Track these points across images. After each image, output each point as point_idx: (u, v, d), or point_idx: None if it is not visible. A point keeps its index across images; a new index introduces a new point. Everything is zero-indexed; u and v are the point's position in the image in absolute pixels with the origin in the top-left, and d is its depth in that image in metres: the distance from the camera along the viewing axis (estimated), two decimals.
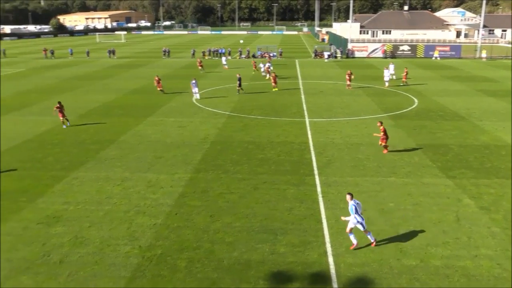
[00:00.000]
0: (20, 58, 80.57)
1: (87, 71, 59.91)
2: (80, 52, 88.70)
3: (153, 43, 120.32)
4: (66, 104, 36.86)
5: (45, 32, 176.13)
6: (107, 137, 27.03)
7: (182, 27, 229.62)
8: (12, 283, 12.44)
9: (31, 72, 60.25)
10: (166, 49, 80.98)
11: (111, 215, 16.48)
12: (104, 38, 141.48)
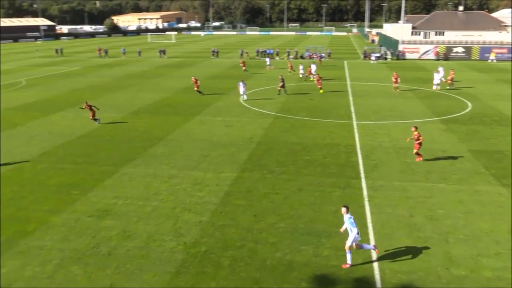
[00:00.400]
0: (75, 57, 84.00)
1: (138, 70, 61.64)
2: (132, 51, 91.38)
3: (202, 43, 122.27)
4: (118, 102, 38.08)
5: (99, 32, 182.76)
6: (156, 134, 27.70)
7: (231, 28, 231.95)
8: (64, 272, 12.97)
9: (86, 70, 62.66)
10: (215, 49, 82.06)
11: (158, 211, 16.87)
12: (155, 38, 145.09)
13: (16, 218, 16.53)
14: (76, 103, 38.00)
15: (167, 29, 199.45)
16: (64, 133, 28.45)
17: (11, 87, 48.07)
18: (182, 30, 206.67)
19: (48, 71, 63.14)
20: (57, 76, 57.55)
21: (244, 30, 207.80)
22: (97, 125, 30.29)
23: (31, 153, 24.39)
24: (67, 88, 47.08)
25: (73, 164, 22.41)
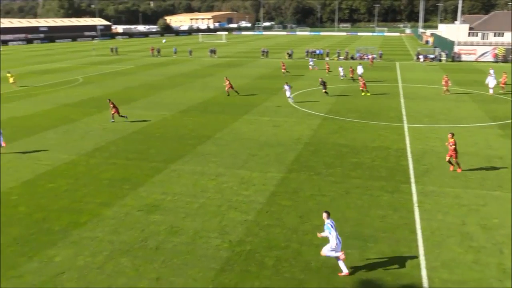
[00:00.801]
0: (129, 56, 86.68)
1: (189, 69, 62.83)
2: (183, 51, 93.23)
3: (252, 43, 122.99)
4: (168, 100, 38.91)
5: (153, 31, 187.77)
6: (205, 133, 28.12)
7: (281, 28, 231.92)
8: (113, 264, 13.41)
9: (139, 69, 64.53)
10: (264, 50, 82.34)
11: (205, 208, 17.12)
12: (206, 38, 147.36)
13: (71, 209, 17.26)
14: (128, 101, 39.20)
15: (218, 29, 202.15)
16: (116, 129, 29.43)
17: (69, 84, 50.25)
18: (232, 30, 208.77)
19: (104, 69, 65.51)
20: (111, 74, 59.60)
21: (294, 30, 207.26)
22: (147, 123, 31.08)
23: (85, 147, 25.40)
24: (121, 86, 48.67)
25: (125, 160, 23.14)
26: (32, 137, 27.81)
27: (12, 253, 14.13)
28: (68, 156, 23.95)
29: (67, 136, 28.04)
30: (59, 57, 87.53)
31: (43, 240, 14.93)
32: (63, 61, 78.44)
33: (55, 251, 14.20)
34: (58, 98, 41.27)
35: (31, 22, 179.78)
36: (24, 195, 18.81)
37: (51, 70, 64.31)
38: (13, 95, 43.54)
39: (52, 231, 15.56)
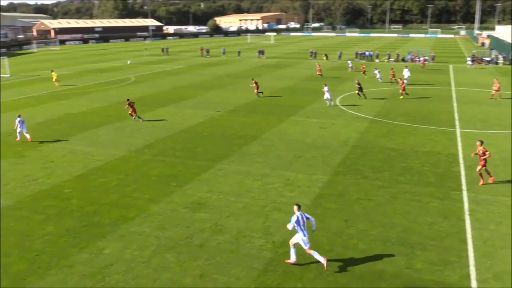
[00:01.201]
0: (180, 56, 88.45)
1: (237, 70, 63.38)
2: (232, 51, 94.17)
3: (301, 45, 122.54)
4: (216, 99, 39.38)
5: (202, 32, 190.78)
6: (251, 133, 28.28)
7: (331, 29, 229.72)
8: (159, 259, 13.73)
9: (188, 68, 65.75)
10: (313, 51, 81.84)
11: (249, 208, 17.21)
12: (255, 39, 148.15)
13: (120, 204, 17.82)
14: (178, 100, 40.02)
15: (266, 30, 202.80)
16: (165, 127, 30.11)
17: (121, 83, 51.91)
18: (281, 31, 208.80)
19: (154, 68, 67.20)
20: (162, 73, 61.05)
21: (344, 31, 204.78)
22: (195, 122, 31.61)
23: (135, 144, 26.14)
24: (170, 85, 49.77)
25: (173, 157, 23.64)
26: (86, 133, 28.92)
27: (65, 244, 14.74)
28: (119, 152, 24.74)
29: (119, 132, 28.96)
30: (112, 57, 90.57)
31: (94, 232, 15.50)
32: (116, 60, 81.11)
33: (104, 244, 14.70)
34: (111, 96, 42.71)
35: (87, 22, 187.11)
36: (76, 188, 19.59)
37: (105, 69, 66.63)
38: (69, 92, 45.45)
39: (102, 224, 16.12)
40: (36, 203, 18.09)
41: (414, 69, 60.50)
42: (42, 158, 23.94)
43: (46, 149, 25.64)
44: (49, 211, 17.34)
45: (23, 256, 14.06)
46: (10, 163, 23.30)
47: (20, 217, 16.87)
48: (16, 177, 21.11)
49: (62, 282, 12.66)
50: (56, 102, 40.21)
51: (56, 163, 23.15)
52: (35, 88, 49.09)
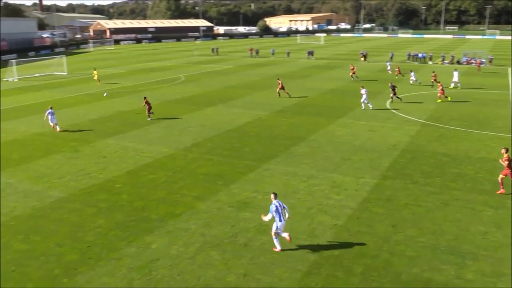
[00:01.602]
0: (229, 56, 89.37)
1: (286, 70, 63.31)
2: (281, 52, 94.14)
3: (351, 46, 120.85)
4: (264, 100, 39.48)
5: (252, 33, 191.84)
6: (299, 134, 28.17)
7: (382, 30, 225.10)
8: (204, 256, 13.93)
9: (237, 69, 66.33)
10: (363, 52, 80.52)
11: (295, 210, 17.15)
12: (305, 40, 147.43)
13: (168, 200, 18.22)
14: (227, 99, 40.46)
15: (316, 31, 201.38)
16: (214, 126, 30.51)
17: (172, 82, 53.09)
18: (331, 32, 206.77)
19: (204, 68, 68.26)
20: (211, 73, 61.92)
21: (396, 32, 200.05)
22: (243, 121, 31.83)
23: (184, 142, 26.65)
24: (220, 85, 50.39)
25: (220, 156, 23.92)
26: (137, 131, 29.77)
27: (114, 237, 15.25)
28: (168, 150, 25.31)
29: (168, 131, 29.62)
30: (164, 56, 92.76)
31: (142, 227, 15.94)
32: (167, 60, 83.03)
33: (152, 239, 15.08)
34: (162, 95, 43.75)
35: (141, 23, 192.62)
36: (126, 184, 20.21)
37: (156, 68, 68.32)
38: (122, 91, 46.95)
39: (150, 219, 16.54)
40: (89, 197, 18.82)
41: (469, 72, 58.36)
42: (95, 154, 24.87)
43: (99, 145, 26.60)
44: (101, 204, 17.99)
45: (75, 246, 14.65)
46: (66, 157, 24.36)
47: (73, 209, 17.60)
48: (71, 171, 22.04)
49: (110, 274, 13.09)
50: (109, 100, 41.63)
51: (108, 158, 23.99)
52: (90, 86, 51.04)
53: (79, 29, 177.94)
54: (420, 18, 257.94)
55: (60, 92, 47.04)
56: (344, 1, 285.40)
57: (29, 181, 20.77)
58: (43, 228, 16.03)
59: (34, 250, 14.49)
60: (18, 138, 28.61)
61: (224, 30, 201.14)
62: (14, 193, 19.36)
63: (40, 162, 23.63)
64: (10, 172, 22.07)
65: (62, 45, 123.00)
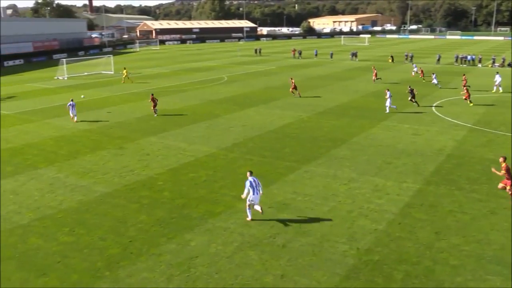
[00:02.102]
0: (272, 57, 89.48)
1: (329, 72, 62.78)
2: (324, 53, 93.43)
3: (396, 47, 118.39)
4: (306, 101, 39.29)
5: (295, 34, 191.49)
6: (340, 136, 27.86)
7: (429, 31, 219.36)
8: (242, 255, 14.01)
9: (280, 69, 66.32)
10: (409, 54, 78.72)
11: (334, 212, 16.98)
12: (349, 41, 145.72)
13: (208, 199, 18.44)
14: (269, 100, 40.54)
15: (361, 32, 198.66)
16: (255, 127, 30.63)
17: (215, 82, 53.70)
18: (376, 33, 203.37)
19: (247, 69, 68.65)
20: (254, 74, 62.21)
21: (444, 34, 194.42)
22: (284, 122, 31.80)
23: (225, 142, 26.90)
24: (262, 85, 50.55)
25: (260, 157, 23.99)
26: (179, 129, 30.29)
27: (155, 233, 15.57)
28: (209, 149, 25.61)
29: (210, 130, 29.98)
30: (207, 56, 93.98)
31: (182, 224, 16.20)
32: (211, 60, 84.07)
33: (191, 236, 15.30)
34: (205, 95, 44.32)
35: (186, 23, 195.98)
36: (168, 181, 20.60)
37: (200, 68, 69.31)
38: (167, 90, 47.90)
39: (190, 217, 16.79)
40: (132, 193, 19.31)
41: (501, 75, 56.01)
42: (139, 151, 25.49)
43: (143, 142, 27.25)
44: (143, 201, 18.43)
45: (118, 241, 15.07)
46: (111, 154, 25.09)
47: (117, 204, 18.10)
48: (115, 167, 22.69)
49: (150, 269, 13.38)
50: None
51: (151, 156, 24.53)
52: (135, 85, 52.36)
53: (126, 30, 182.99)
54: (470, 19, 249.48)
55: (107, 91, 48.50)
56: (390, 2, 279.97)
57: (76, 176, 21.54)
58: (88, 222, 16.58)
59: (78, 243, 15.01)
60: (66, 134, 29.72)
61: (267, 31, 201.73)
62: (62, 187, 20.12)
63: (87, 158, 24.46)
64: (58, 167, 22.96)
65: (110, 45, 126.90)
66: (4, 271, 13.39)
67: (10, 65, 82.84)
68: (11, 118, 35.23)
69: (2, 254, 14.37)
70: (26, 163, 23.70)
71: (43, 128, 31.49)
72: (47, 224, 16.47)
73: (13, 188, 20.13)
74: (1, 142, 28.03)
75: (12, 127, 31.97)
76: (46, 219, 16.89)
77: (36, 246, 14.88)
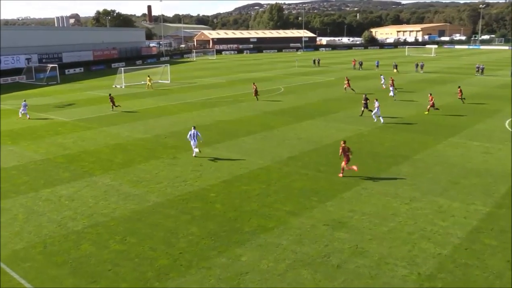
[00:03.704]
0: (331, 68, 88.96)
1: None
2: (387, 64, 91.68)
3: (466, 59, 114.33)
4: (367, 114, 38.60)
5: (356, 44, 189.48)
6: (402, 152, 27.12)
7: (503, 42, 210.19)
8: (294, 274, 13.85)
9: (339, 81, 65.66)
10: (480, 66, 75.74)
11: (394, 234, 16.47)
12: (414, 52, 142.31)
13: (260, 213, 18.45)
14: (326, 112, 40.23)
15: (427, 42, 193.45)
16: (311, 140, 30.44)
17: (271, 93, 54.01)
18: (443, 44, 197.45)
19: (305, 80, 68.59)
20: (312, 85, 62.04)
21: None
22: (343, 136, 31.39)
23: (280, 155, 26.89)
24: (320, 97, 50.28)
25: (316, 171, 23.77)
26: (234, 141, 30.64)
27: (205, 246, 15.74)
28: (264, 161, 25.69)
29: (264, 142, 30.10)
30: (264, 67, 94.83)
31: (233, 238, 16.28)
32: (268, 71, 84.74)
33: (242, 251, 15.33)
34: (260, 106, 44.64)
35: (243, 33, 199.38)
36: (221, 193, 20.83)
37: (256, 79, 69.88)
38: (222, 100, 48.72)
39: (242, 231, 16.85)
40: (184, 204, 19.67)
41: None
42: (192, 161, 25.99)
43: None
44: (195, 212, 18.72)
45: (168, 252, 15.36)
46: (165, 163, 25.74)
47: (168, 215, 18.50)
48: (169, 177, 23.24)
49: (199, 282, 13.51)
50: (208, 109, 43.39)
51: (204, 167, 24.93)
52: (191, 95, 53.65)
53: (184, 39, 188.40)
54: None
55: (163, 100, 49.98)
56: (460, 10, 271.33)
57: (130, 185, 22.25)
58: (139, 231, 17.03)
59: (129, 252, 15.43)
60: (121, 142, 30.84)
61: (327, 41, 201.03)
62: (115, 195, 20.84)
63: (140, 166, 25.23)
64: (113, 175, 23.82)
65: (167, 54, 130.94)
66: (58, 276, 13.98)
67: (71, 73, 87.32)
68: (69, 125, 37.05)
69: (57, 259, 15.03)
70: (83, 170, 24.78)
71: (99, 136, 32.86)
72: (100, 232, 17.07)
73: (69, 194, 21.08)
74: (60, 148, 29.50)
75: (70, 134, 33.59)
76: (99, 226, 17.52)
77: (89, 252, 15.45)
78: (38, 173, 24.50)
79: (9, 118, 40.67)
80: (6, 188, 22.02)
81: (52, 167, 25.54)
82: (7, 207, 19.67)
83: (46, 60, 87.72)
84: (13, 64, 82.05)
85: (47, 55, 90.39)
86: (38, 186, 22.28)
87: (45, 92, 60.16)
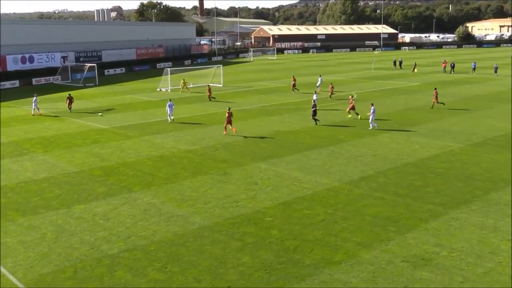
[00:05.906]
0: (415, 71, 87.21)
1: (490, 91, 59.53)
2: (486, 67, 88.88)
3: None
4: (457, 128, 37.48)
5: (447, 42, 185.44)
6: (503, 175, 26.10)
7: None
8: None
9: (425, 86, 64.34)
10: None
11: (493, 277, 15.77)
12: None
13: (325, 243, 18.26)
14: (409, 124, 39.44)
15: None
16: (389, 157, 29.91)
17: (341, 100, 53.66)
18: None
19: (382, 85, 67.75)
20: (391, 91, 61.15)
21: None
22: (428, 154, 30.63)
23: (350, 174, 26.59)
24: (400, 106, 49.47)
25: (394, 196, 23.28)
26: (295, 155, 30.60)
27: (258, 279, 15.73)
28: (330, 181, 25.49)
29: (332, 158, 29.88)
30: (333, 69, 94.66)
31: (292, 272, 16.18)
32: (337, 74, 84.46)
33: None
34: (327, 115, 44.40)
35: (309, 29, 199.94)
36: (278, 217, 20.81)
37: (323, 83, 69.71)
38: (282, 108, 48.90)
39: (302, 264, 16.73)
40: (234, 228, 19.81)
41: None
42: (246, 179, 26.18)
43: (251, 168, 27.96)
44: (247, 239, 18.79)
45: (215, 284, 15.47)
46: (214, 180, 26.10)
47: (216, 240, 18.67)
48: (218, 196, 23.52)
49: None
50: (266, 117, 43.69)
51: (260, 185, 25.04)
52: (245, 101, 54.26)
53: (240, 36, 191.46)
54: None
55: (213, 106, 50.86)
56: None
57: (173, 204, 22.70)
58: (183, 258, 17.29)
59: (170, 282, 15.67)
60: (165, 154, 31.59)
61: (411, 38, 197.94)
62: (156, 215, 21.32)
63: (186, 183, 25.70)
64: (154, 191, 24.41)
65: (220, 54, 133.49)
66: None
67: (111, 74, 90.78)
68: (108, 133, 38.43)
69: (89, 286, 15.50)
70: (121, 185, 25.57)
71: (141, 146, 33.84)
72: (138, 257, 17.48)
73: (105, 212, 21.78)
74: (97, 159, 30.63)
75: (108, 143, 34.83)
76: (137, 251, 17.95)
77: (124, 281, 15.83)
78: (71, 186, 25.53)
79: (41, 124, 42.75)
80: (35, 203, 23.09)
81: (87, 180, 26.53)
82: (36, 224, 20.59)
83: (84, 59, 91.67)
84: (47, 63, 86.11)
85: (85, 53, 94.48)
86: (70, 202, 23.20)
87: (82, 95, 62.80)
